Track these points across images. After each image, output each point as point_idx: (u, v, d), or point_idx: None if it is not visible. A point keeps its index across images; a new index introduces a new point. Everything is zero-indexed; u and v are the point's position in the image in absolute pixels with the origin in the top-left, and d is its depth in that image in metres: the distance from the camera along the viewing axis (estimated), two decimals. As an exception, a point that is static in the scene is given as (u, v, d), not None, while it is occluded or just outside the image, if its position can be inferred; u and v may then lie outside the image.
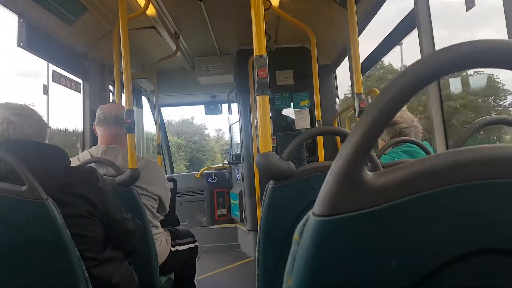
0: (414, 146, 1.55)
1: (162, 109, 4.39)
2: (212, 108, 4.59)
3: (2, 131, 1.00)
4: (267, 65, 1.05)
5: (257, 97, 1.05)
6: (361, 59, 2.09)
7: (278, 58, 3.16)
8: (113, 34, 2.09)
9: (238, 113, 3.75)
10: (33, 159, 0.97)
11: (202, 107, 4.63)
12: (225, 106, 4.72)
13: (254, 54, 1.07)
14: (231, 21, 2.96)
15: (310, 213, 0.34)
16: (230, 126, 4.21)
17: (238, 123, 3.78)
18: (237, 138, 4.09)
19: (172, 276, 1.81)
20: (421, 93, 0.33)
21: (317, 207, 0.33)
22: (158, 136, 3.48)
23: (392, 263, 0.32)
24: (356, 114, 1.93)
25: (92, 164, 1.46)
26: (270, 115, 3.48)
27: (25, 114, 1.04)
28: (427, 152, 1.40)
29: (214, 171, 4.33)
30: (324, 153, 2.31)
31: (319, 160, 2.29)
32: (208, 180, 4.16)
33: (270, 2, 2.01)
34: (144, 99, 4.20)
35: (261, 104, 1.04)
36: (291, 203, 0.98)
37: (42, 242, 0.94)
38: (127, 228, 1.20)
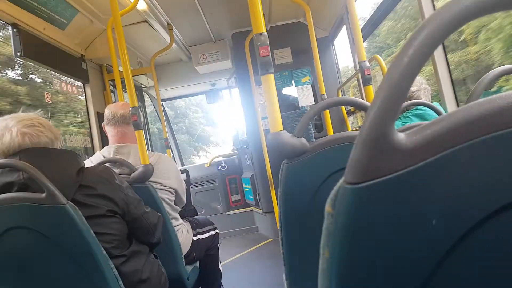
0: (425, 108, 1.52)
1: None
2: (213, 96, 4.57)
3: (19, 143, 0.99)
4: (268, 42, 1.02)
5: (261, 77, 1.03)
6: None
7: (274, 36, 3.09)
8: (107, 32, 2.06)
9: (240, 98, 3.72)
10: (49, 166, 0.97)
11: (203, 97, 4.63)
12: (226, 93, 4.70)
13: (254, 32, 1.04)
14: (223, 4, 2.90)
15: (341, 182, 0.33)
16: (232, 112, 4.19)
17: (241, 107, 3.75)
18: (241, 124, 4.08)
19: (197, 264, 1.84)
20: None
21: (349, 175, 0.32)
22: (164, 131, 3.48)
23: (433, 222, 0.31)
24: (362, 83, 1.90)
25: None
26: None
27: (37, 123, 1.04)
28: (438, 113, 1.37)
29: (223, 158, 4.35)
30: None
31: (328, 135, 2.29)
32: (219, 168, 4.18)
33: (262, -21, 1.96)
34: (145, 96, 4.18)
35: (267, 83, 1.02)
36: (308, 179, 0.97)
37: (68, 246, 0.95)
38: (149, 222, 1.21)
